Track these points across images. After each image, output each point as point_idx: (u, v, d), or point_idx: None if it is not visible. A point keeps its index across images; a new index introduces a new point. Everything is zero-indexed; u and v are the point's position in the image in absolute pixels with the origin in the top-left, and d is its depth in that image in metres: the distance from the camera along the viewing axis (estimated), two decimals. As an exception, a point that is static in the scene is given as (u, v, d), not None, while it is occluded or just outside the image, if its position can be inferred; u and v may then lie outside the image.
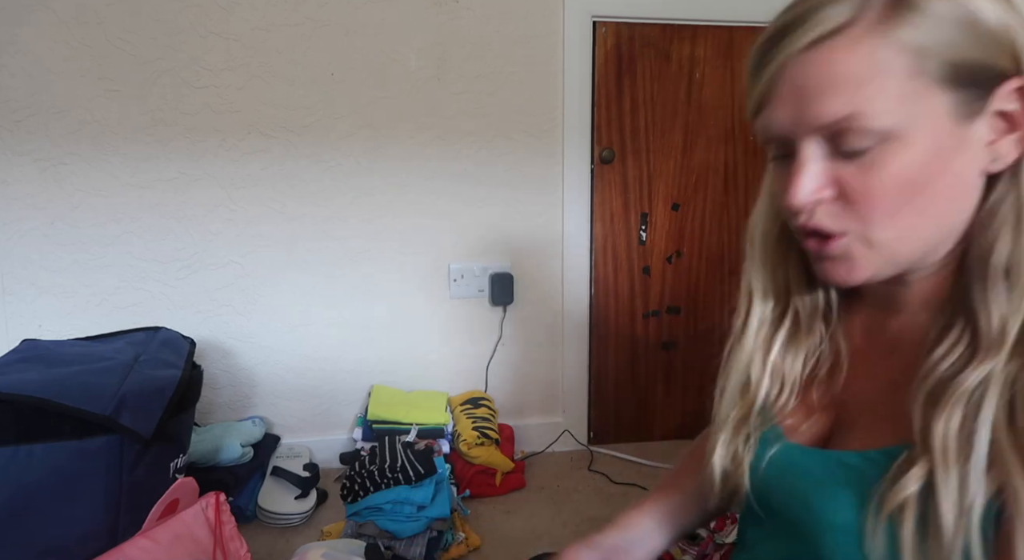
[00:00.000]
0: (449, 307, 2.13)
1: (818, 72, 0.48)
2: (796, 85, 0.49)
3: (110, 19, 1.82)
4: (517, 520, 1.80)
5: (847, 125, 0.48)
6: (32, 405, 1.25)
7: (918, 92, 0.46)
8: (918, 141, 0.47)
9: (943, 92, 0.47)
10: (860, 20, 0.47)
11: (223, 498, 1.29)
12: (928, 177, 0.48)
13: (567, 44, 2.05)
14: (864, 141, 0.48)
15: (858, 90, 0.47)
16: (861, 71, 0.47)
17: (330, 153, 1.98)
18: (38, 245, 1.87)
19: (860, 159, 0.49)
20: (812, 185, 0.51)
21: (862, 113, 0.47)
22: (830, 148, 0.50)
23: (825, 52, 0.48)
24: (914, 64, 0.46)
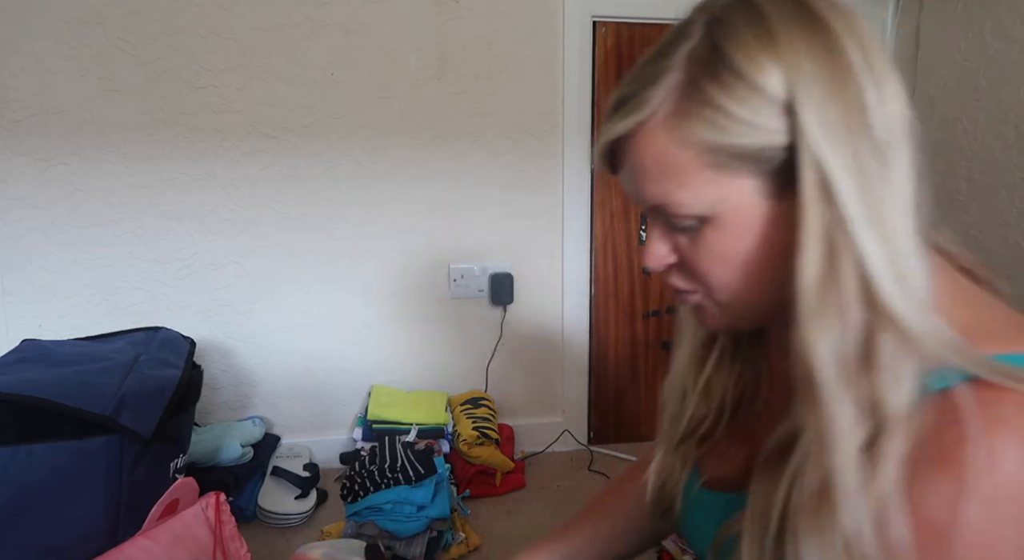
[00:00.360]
0: (449, 307, 2.13)
1: (630, 161, 0.52)
2: (624, 166, 0.54)
3: (110, 19, 1.82)
4: (517, 520, 1.80)
5: (664, 210, 0.52)
6: (32, 405, 1.25)
7: (721, 181, 0.48)
8: (732, 221, 0.50)
9: (748, 176, 0.48)
10: (655, 117, 0.49)
11: (223, 498, 1.29)
12: (750, 250, 0.50)
13: (567, 44, 2.05)
14: (684, 222, 0.51)
15: (661, 182, 0.50)
16: (657, 167, 0.50)
17: (330, 153, 1.98)
18: (38, 245, 1.87)
19: (690, 233, 0.52)
20: (659, 252, 0.55)
21: (669, 203, 0.51)
22: (666, 222, 0.54)
23: (632, 144, 0.51)
24: (709, 158, 0.48)
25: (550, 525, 1.75)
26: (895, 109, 0.47)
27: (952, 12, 2.03)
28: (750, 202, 0.49)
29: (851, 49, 0.46)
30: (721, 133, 0.47)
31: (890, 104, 0.46)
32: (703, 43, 0.48)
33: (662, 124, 0.49)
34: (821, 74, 0.45)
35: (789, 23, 0.46)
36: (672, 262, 0.55)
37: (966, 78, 1.99)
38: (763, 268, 0.51)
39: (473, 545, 1.65)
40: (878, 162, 0.46)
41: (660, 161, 0.50)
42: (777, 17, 0.46)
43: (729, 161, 0.48)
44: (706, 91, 0.47)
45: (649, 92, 0.49)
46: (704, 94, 0.47)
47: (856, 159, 0.45)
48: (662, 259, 0.55)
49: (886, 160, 0.46)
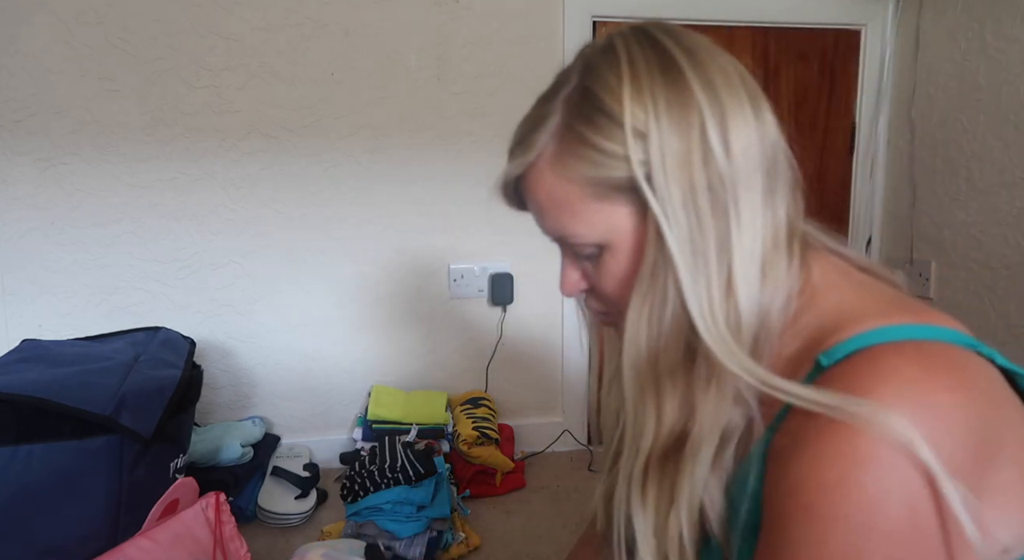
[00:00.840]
0: (449, 307, 2.13)
1: (529, 200, 0.58)
2: (527, 203, 0.60)
3: (110, 19, 1.82)
4: (517, 520, 1.80)
5: (565, 241, 0.57)
6: (32, 405, 1.25)
7: (605, 210, 0.54)
8: (624, 246, 0.55)
9: (625, 204, 0.53)
10: (541, 158, 0.55)
11: (223, 498, 1.29)
12: (642, 270, 0.54)
13: (567, 44, 2.05)
14: (586, 250, 0.57)
15: (556, 217, 0.56)
16: (551, 202, 0.56)
17: (330, 153, 1.98)
18: (38, 245, 1.87)
19: (593, 261, 0.58)
20: (570, 280, 0.61)
21: (567, 235, 0.56)
22: (572, 252, 0.59)
23: (526, 184, 0.58)
24: (591, 191, 0.53)
25: (550, 525, 1.76)
26: (743, 143, 0.51)
27: (952, 12, 2.03)
28: (632, 227, 0.54)
29: (695, 85, 0.51)
30: (597, 168, 0.52)
31: (734, 139, 0.51)
32: (576, 88, 0.54)
33: (547, 164, 0.55)
34: (668, 108, 0.50)
35: (644, 63, 0.51)
36: (584, 287, 0.61)
37: (966, 78, 1.99)
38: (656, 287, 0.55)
39: (473, 545, 1.65)
40: (713, 196, 0.51)
41: (551, 197, 0.55)
42: (636, 61, 0.52)
43: (608, 192, 0.53)
44: (579, 131, 0.52)
45: (535, 136, 0.55)
46: (578, 134, 0.53)
47: (691, 193, 0.50)
48: (575, 284, 0.61)
49: (725, 193, 0.51)
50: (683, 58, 0.52)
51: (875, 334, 0.48)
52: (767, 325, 0.52)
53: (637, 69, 0.51)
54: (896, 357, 0.46)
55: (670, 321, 0.53)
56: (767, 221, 0.52)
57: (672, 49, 0.52)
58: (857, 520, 0.43)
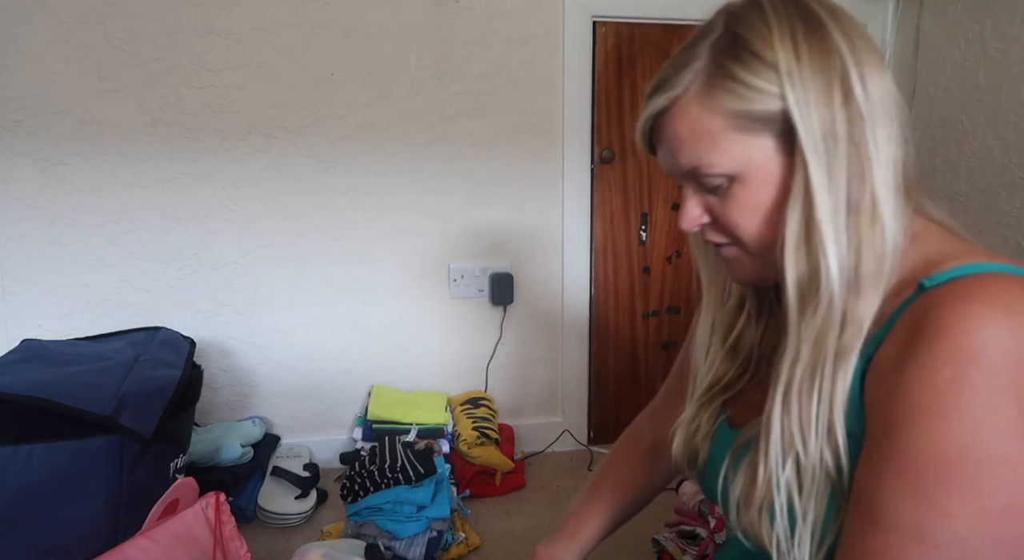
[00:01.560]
0: (449, 307, 2.13)
1: (667, 134, 0.63)
2: (661, 141, 0.64)
3: (110, 19, 1.82)
4: (517, 520, 1.80)
5: (697, 173, 0.61)
6: (32, 405, 1.25)
7: (745, 141, 0.58)
8: (755, 177, 0.59)
9: (764, 137, 0.58)
10: (688, 92, 0.60)
11: (223, 498, 1.29)
12: (770, 203, 0.60)
13: (567, 44, 2.05)
14: (715, 181, 0.61)
15: (695, 148, 0.60)
16: (692, 134, 0.60)
17: (330, 153, 1.98)
18: (38, 245, 1.87)
19: (720, 193, 0.62)
20: (692, 214, 0.65)
21: (702, 165, 0.60)
22: (699, 186, 0.63)
23: (668, 119, 0.62)
24: (734, 123, 0.58)
25: (550, 525, 1.76)
26: (876, 87, 0.57)
27: (952, 12, 2.03)
28: (768, 159, 0.58)
29: (836, 36, 0.57)
30: (742, 101, 0.57)
31: (871, 83, 0.57)
32: (724, 34, 0.59)
33: (694, 98, 0.59)
34: (811, 53, 0.56)
35: (790, 15, 0.58)
36: (705, 221, 0.65)
37: (966, 78, 1.99)
38: (782, 219, 0.60)
39: (473, 545, 1.65)
40: (852, 129, 0.56)
41: (694, 128, 0.60)
42: (781, 11, 0.58)
43: (750, 124, 0.58)
44: (729, 68, 0.58)
45: (681, 74, 0.60)
46: (728, 71, 0.58)
47: (831, 126, 0.56)
48: (696, 219, 0.65)
49: (864, 128, 0.56)
50: (823, 12, 0.58)
51: (978, 266, 0.53)
52: (897, 250, 0.57)
53: (782, 18, 0.58)
54: (1000, 280, 0.51)
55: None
56: (899, 156, 0.58)
57: (813, 4, 0.59)
58: (973, 415, 0.47)
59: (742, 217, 0.61)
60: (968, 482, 0.47)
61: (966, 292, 0.50)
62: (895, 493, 0.50)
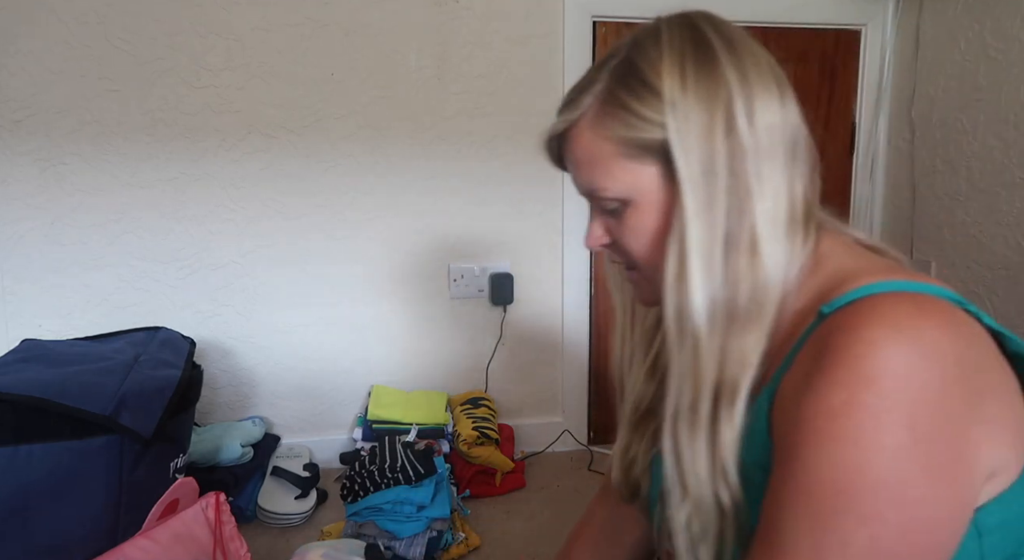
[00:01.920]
0: (449, 307, 2.13)
1: (567, 156, 0.65)
2: (565, 161, 0.67)
3: (110, 19, 1.82)
4: (517, 520, 1.80)
5: (593, 195, 0.63)
6: (32, 405, 1.25)
7: (633, 168, 0.60)
8: (644, 202, 0.61)
9: (650, 165, 0.59)
10: (584, 117, 0.62)
11: (223, 498, 1.29)
12: (659, 227, 0.60)
13: (567, 44, 2.05)
14: (610, 205, 0.63)
15: (589, 171, 0.62)
16: (586, 157, 0.62)
17: (330, 153, 1.98)
18: (38, 245, 1.87)
19: (616, 215, 0.63)
20: (594, 235, 0.67)
21: (596, 188, 0.62)
22: (600, 207, 0.65)
23: (567, 142, 0.64)
24: (622, 149, 0.59)
25: (550, 525, 1.76)
26: (765, 119, 0.57)
27: (952, 12, 2.03)
28: (655, 186, 0.60)
29: (727, 66, 0.57)
30: (629, 129, 0.59)
31: (759, 115, 0.57)
32: (623, 60, 0.61)
33: (588, 123, 0.61)
34: (698, 83, 0.57)
35: (683, 43, 0.58)
36: (606, 242, 0.67)
37: (966, 78, 1.99)
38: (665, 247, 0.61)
39: (473, 545, 1.65)
40: (733, 163, 0.56)
41: (587, 152, 0.62)
42: (676, 40, 0.59)
43: (637, 152, 0.59)
44: (620, 96, 0.59)
45: (582, 98, 0.62)
46: (619, 99, 0.59)
47: (710, 159, 0.56)
48: (598, 239, 0.67)
49: (746, 162, 0.56)
50: (718, 42, 0.58)
51: (873, 286, 0.53)
52: (787, 287, 0.58)
53: (674, 47, 0.58)
54: (893, 300, 0.51)
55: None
56: (788, 192, 0.58)
57: (709, 34, 0.59)
58: (865, 438, 0.47)
59: (634, 240, 0.63)
60: (863, 506, 0.47)
61: (859, 316, 0.50)
62: (793, 518, 0.49)
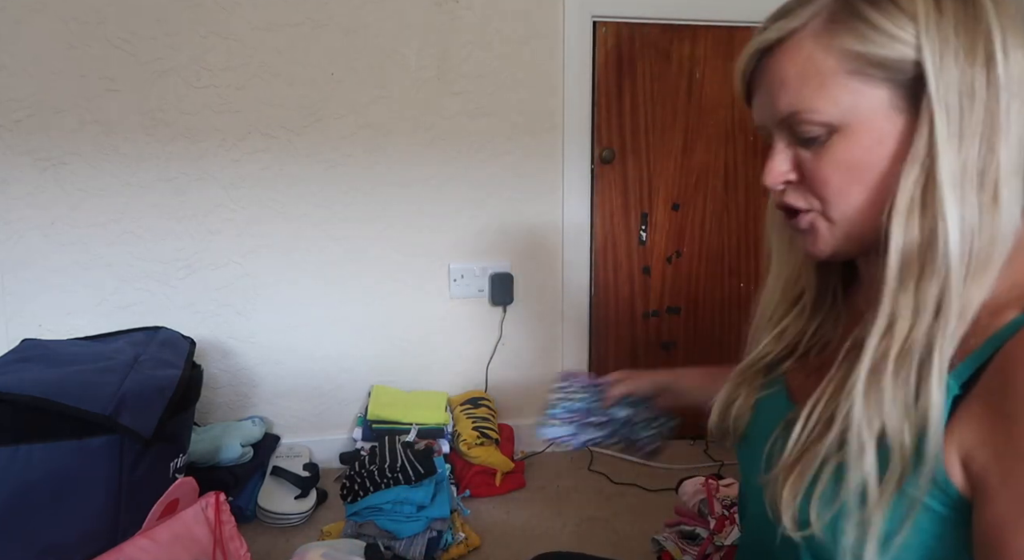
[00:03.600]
0: (449, 307, 2.13)
1: (771, 72, 0.57)
2: (761, 83, 0.59)
3: (110, 19, 1.82)
4: (517, 520, 1.80)
5: (795, 120, 0.56)
6: (32, 405, 1.25)
7: (857, 89, 0.53)
8: (861, 131, 0.54)
9: (880, 88, 0.53)
10: (806, 27, 0.55)
11: (223, 498, 1.29)
12: (873, 162, 0.54)
13: (567, 44, 2.05)
14: (813, 131, 0.55)
15: (798, 90, 0.55)
16: (799, 73, 0.55)
17: (330, 153, 1.98)
18: (38, 245, 1.87)
19: (815, 147, 0.56)
20: (779, 169, 0.59)
21: (803, 109, 0.55)
22: (792, 137, 0.58)
23: (776, 54, 0.57)
24: (851, 66, 0.53)
25: (550, 525, 1.76)
26: (1019, 59, 0.51)
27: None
28: (879, 113, 0.53)
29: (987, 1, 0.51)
30: (866, 43, 0.52)
31: (1013, 53, 0.51)
32: None
33: (811, 33, 0.54)
34: (955, 8, 0.51)
35: None
36: (792, 179, 0.59)
37: (966, 78, 1.98)
38: (881, 180, 0.54)
39: (473, 545, 1.65)
40: (991, 96, 0.50)
41: (804, 66, 0.55)
42: None
43: (867, 69, 0.52)
44: (859, 8, 0.53)
45: (801, 8, 0.55)
46: (857, 10, 0.53)
47: (970, 85, 0.50)
48: (783, 175, 0.59)
49: (1000, 99, 0.50)
50: None
51: None
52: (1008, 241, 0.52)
53: None
54: None
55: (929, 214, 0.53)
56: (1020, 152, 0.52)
57: None
58: None
59: (836, 175, 0.55)
60: None
61: None
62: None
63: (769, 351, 0.71)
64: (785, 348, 0.71)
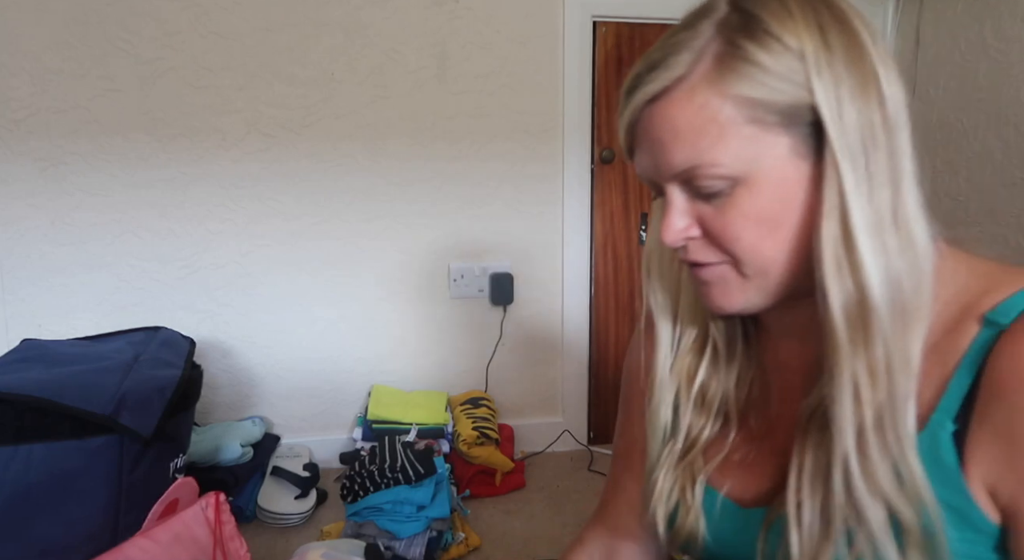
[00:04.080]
0: (449, 307, 2.13)
1: (660, 125, 0.52)
2: (647, 137, 0.53)
3: (110, 19, 1.82)
4: (517, 520, 1.79)
5: (693, 174, 0.51)
6: (32, 405, 1.25)
7: (756, 137, 0.49)
8: (764, 181, 0.50)
9: (780, 134, 0.49)
10: (693, 73, 0.50)
11: (223, 498, 1.29)
12: (780, 212, 0.51)
13: (567, 44, 2.05)
14: (715, 186, 0.51)
15: (697, 142, 0.50)
16: (696, 124, 0.50)
17: (330, 153, 1.98)
18: (38, 245, 1.87)
19: (716, 201, 0.52)
20: (679, 225, 0.54)
21: (704, 163, 0.50)
22: (690, 191, 0.53)
23: (664, 106, 0.51)
24: (748, 113, 0.49)
25: (550, 525, 1.76)
26: (898, 92, 0.50)
27: (952, 12, 2.03)
28: (781, 161, 0.50)
29: (861, 29, 0.50)
30: (759, 88, 0.48)
31: (895, 85, 0.50)
32: (732, 13, 0.50)
33: (703, 79, 0.50)
34: (841, 43, 0.49)
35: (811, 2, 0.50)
36: (694, 235, 0.54)
37: (966, 78, 1.99)
38: (793, 232, 0.51)
39: (473, 545, 1.65)
40: (888, 135, 0.49)
41: (697, 117, 0.50)
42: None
43: (765, 116, 0.49)
44: (745, 49, 0.49)
45: (680, 54, 0.50)
46: (744, 51, 0.49)
47: (870, 126, 0.49)
48: (682, 232, 0.54)
49: (893, 136, 0.49)
50: (843, 2, 0.51)
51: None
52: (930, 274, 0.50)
53: (803, 2, 0.50)
54: None
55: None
56: (918, 172, 0.51)
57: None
58: None
59: (744, 229, 0.51)
60: None
61: None
62: None
63: (702, 427, 0.63)
64: (715, 416, 0.63)
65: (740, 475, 0.61)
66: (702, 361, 0.64)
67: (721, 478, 0.62)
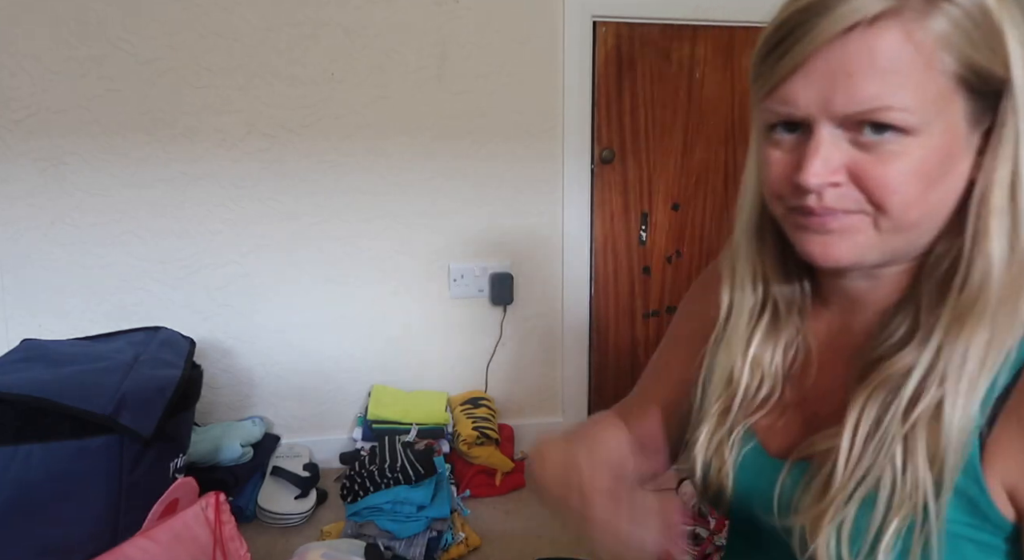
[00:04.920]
0: (449, 307, 2.13)
1: (855, 56, 0.48)
2: (827, 67, 0.49)
3: (110, 19, 1.82)
4: (517, 520, 1.79)
5: (872, 116, 0.48)
6: (32, 405, 1.25)
7: (943, 93, 0.48)
8: (935, 139, 0.49)
9: (962, 97, 0.49)
10: (903, 10, 0.47)
11: (223, 498, 1.29)
12: (939, 174, 0.50)
13: (567, 44, 2.05)
14: (886, 131, 0.49)
15: (889, 82, 0.47)
16: (895, 63, 0.47)
17: (330, 153, 1.98)
18: (38, 245, 1.87)
19: (878, 148, 0.49)
20: (827, 167, 0.50)
21: (894, 106, 0.48)
22: (849, 134, 0.50)
23: (862, 38, 0.47)
24: (945, 63, 0.48)
25: (550, 525, 1.76)
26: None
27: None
28: (960, 125, 0.50)
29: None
30: (973, 48, 0.48)
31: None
32: None
33: (914, 16, 0.47)
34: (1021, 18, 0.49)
35: None
36: (838, 180, 0.51)
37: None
38: (941, 196, 0.51)
39: (473, 545, 1.65)
40: None
41: (906, 55, 0.47)
42: None
43: (968, 76, 0.48)
44: (995, 19, 0.48)
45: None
46: (992, 21, 0.48)
47: None
48: (830, 175, 0.50)
49: None
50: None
51: None
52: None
53: None
54: None
55: None
56: None
57: None
58: None
59: (906, 183, 0.49)
60: None
61: None
62: None
63: (756, 384, 0.64)
64: (766, 378, 0.64)
65: (767, 431, 0.63)
66: (760, 324, 0.64)
67: (761, 432, 0.64)
